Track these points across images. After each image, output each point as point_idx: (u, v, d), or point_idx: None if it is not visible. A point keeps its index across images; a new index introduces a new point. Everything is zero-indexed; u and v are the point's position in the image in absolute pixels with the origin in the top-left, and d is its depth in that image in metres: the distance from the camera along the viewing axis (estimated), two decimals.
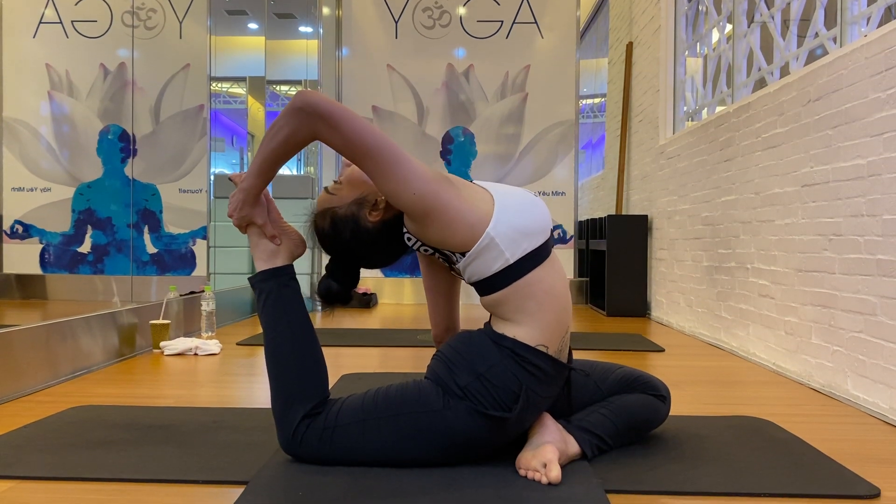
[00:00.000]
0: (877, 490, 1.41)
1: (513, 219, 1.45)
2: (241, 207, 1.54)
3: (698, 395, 2.31)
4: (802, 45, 2.98)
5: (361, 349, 3.20)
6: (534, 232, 1.48)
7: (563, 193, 5.67)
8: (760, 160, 3.02)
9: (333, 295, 1.58)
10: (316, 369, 1.52)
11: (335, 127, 1.37)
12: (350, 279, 1.60)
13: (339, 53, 5.79)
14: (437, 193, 1.40)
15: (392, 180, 1.39)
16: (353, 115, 1.38)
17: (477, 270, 1.47)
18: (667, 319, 4.42)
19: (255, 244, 1.59)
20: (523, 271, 1.45)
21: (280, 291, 1.54)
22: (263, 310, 1.55)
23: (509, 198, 1.49)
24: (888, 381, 2.08)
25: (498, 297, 1.47)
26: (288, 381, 1.49)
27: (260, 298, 1.56)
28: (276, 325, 1.53)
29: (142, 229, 5.12)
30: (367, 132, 1.38)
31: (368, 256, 1.57)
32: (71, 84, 5.12)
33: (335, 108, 1.37)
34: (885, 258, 2.11)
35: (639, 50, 5.34)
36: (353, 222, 1.52)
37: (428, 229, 1.45)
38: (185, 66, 5.15)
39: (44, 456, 1.55)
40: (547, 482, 1.39)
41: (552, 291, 1.48)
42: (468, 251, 1.45)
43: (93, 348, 2.62)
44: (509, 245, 1.44)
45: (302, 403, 1.47)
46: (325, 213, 1.55)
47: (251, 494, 1.33)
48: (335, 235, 1.54)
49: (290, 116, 1.39)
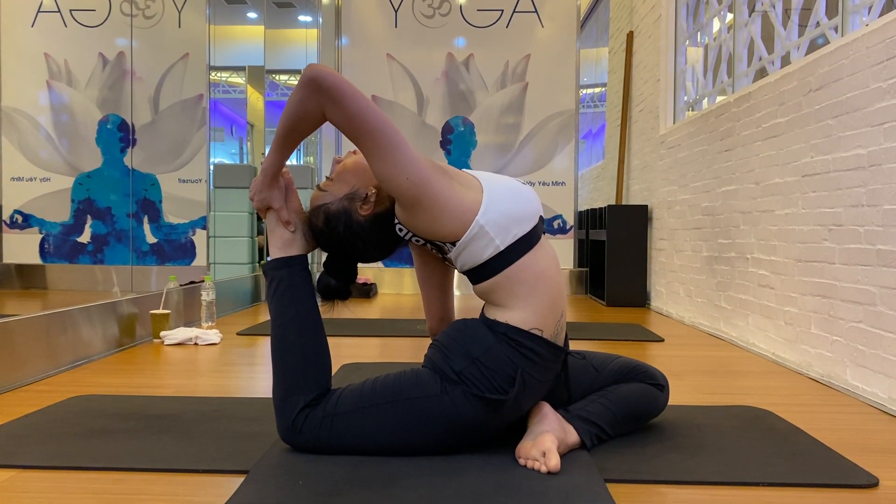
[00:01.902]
0: (875, 479, 1.42)
1: (502, 205, 1.46)
2: (260, 189, 1.55)
3: (697, 385, 2.31)
4: (804, 34, 2.97)
5: (361, 339, 3.20)
6: (523, 217, 1.48)
7: (563, 183, 5.67)
8: (761, 150, 3.02)
9: (332, 290, 1.59)
10: (320, 360, 1.52)
11: (338, 102, 1.37)
12: (348, 275, 1.61)
13: (339, 42, 5.77)
14: (430, 181, 1.41)
15: (388, 163, 1.40)
16: (357, 94, 1.38)
17: (468, 259, 1.48)
18: (666, 309, 4.43)
19: (272, 230, 1.59)
20: (514, 257, 1.46)
21: (291, 280, 1.54)
22: (273, 297, 1.55)
23: (497, 185, 1.50)
24: (887, 371, 2.08)
25: (490, 284, 1.48)
26: (291, 369, 1.50)
27: (271, 286, 1.56)
28: (285, 313, 1.53)
29: (141, 219, 5.12)
30: (370, 112, 1.38)
31: (363, 250, 1.57)
32: (70, 73, 5.11)
33: (341, 83, 1.37)
34: (885, 248, 2.11)
35: (639, 39, 5.32)
36: (345, 217, 1.52)
37: (418, 218, 1.46)
38: (184, 56, 5.13)
39: (44, 445, 1.56)
40: (546, 471, 1.39)
41: (544, 275, 1.49)
42: (458, 240, 1.46)
43: (93, 338, 2.62)
44: (499, 232, 1.45)
45: (303, 393, 1.48)
46: (318, 210, 1.55)
47: (251, 483, 1.33)
48: (329, 231, 1.55)
49: (299, 89, 1.39)
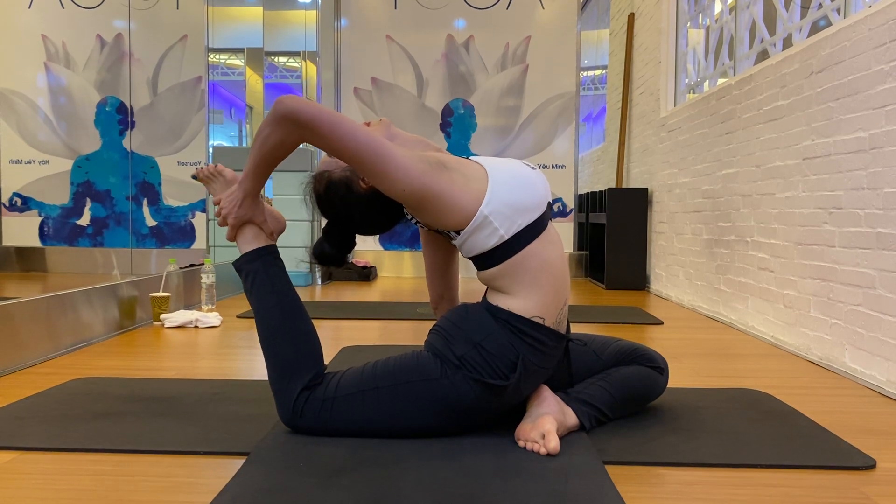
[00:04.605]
0: (872, 461, 1.42)
1: (507, 195, 1.45)
2: (240, 206, 1.56)
3: (697, 368, 2.32)
4: (806, 16, 2.95)
5: (361, 322, 3.21)
6: (529, 207, 1.47)
7: (563, 166, 5.65)
8: (762, 133, 3.01)
9: (326, 257, 1.60)
10: (309, 341, 1.53)
11: (317, 133, 1.37)
12: (345, 243, 1.61)
13: (338, 24, 5.73)
14: (427, 185, 1.41)
15: (380, 179, 1.41)
16: (334, 121, 1.37)
17: (473, 247, 1.48)
18: (666, 293, 4.43)
19: (241, 232, 1.59)
20: (519, 246, 1.46)
21: (266, 270, 1.56)
22: (252, 290, 1.56)
23: (504, 174, 1.49)
24: (886, 354, 2.09)
25: (494, 271, 1.48)
26: (283, 355, 1.51)
27: (247, 280, 1.57)
28: (266, 302, 1.54)
29: (141, 202, 5.11)
30: (350, 137, 1.37)
31: (360, 222, 1.58)
32: (67, 55, 5.08)
33: (317, 114, 1.36)
34: (886, 231, 2.11)
35: (640, 21, 5.28)
36: (345, 186, 1.53)
37: (423, 214, 1.47)
38: (182, 38, 5.10)
39: (46, 427, 1.56)
40: (545, 453, 1.40)
41: (548, 265, 1.48)
42: (463, 229, 1.46)
43: (93, 321, 2.62)
44: (504, 222, 1.45)
45: (300, 376, 1.49)
46: (322, 176, 1.56)
47: (252, 465, 1.34)
48: (328, 198, 1.56)
49: (275, 125, 1.39)
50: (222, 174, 1.67)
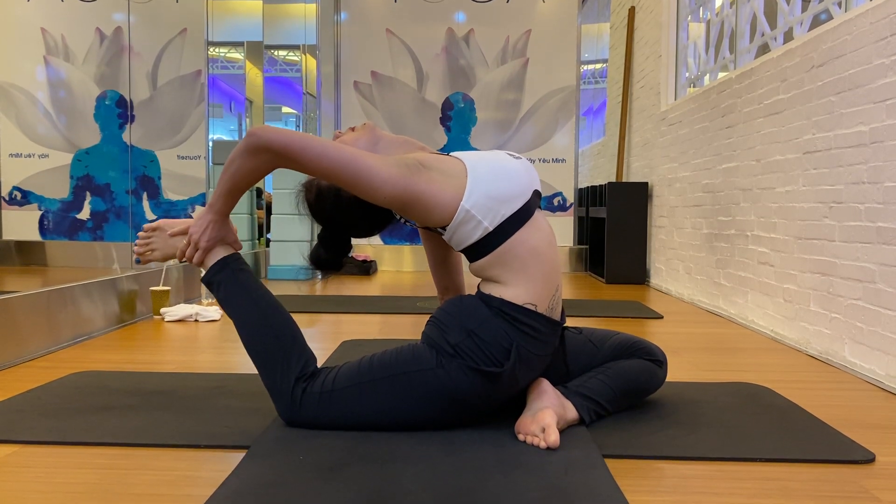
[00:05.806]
0: (872, 455, 1.43)
1: (487, 188, 1.47)
2: (212, 229, 1.58)
3: (696, 362, 2.32)
4: (807, 9, 2.94)
5: (361, 316, 3.21)
6: (511, 197, 1.48)
7: (563, 160, 5.65)
8: (762, 127, 3.00)
9: (323, 262, 1.63)
10: (290, 334, 1.55)
11: (292, 158, 1.40)
12: (340, 247, 1.64)
13: (338, 18, 5.71)
14: (407, 189, 1.43)
15: (360, 191, 1.43)
16: (305, 144, 1.39)
17: (461, 240, 1.51)
18: (666, 287, 4.43)
19: (210, 250, 1.61)
20: (505, 236, 1.47)
21: (235, 276, 1.58)
22: (226, 298, 1.58)
23: (483, 166, 1.50)
24: (885, 349, 2.09)
25: (483, 262, 1.50)
26: (269, 349, 1.52)
27: (219, 290, 1.59)
28: (241, 304, 1.56)
29: (140, 196, 5.11)
30: (323, 156, 1.40)
31: (353, 225, 1.61)
32: (67, 49, 5.07)
33: (289, 142, 1.39)
34: (886, 226, 2.11)
35: (641, 14, 5.27)
36: (334, 193, 1.56)
37: (409, 215, 1.51)
38: (182, 31, 5.09)
39: (46, 420, 1.56)
40: (545, 446, 1.40)
41: (537, 251, 1.49)
42: (447, 225, 1.48)
43: (93, 314, 2.63)
44: (486, 214, 1.46)
45: (289, 366, 1.51)
46: (311, 184, 1.60)
47: (252, 459, 1.34)
48: (319, 206, 1.59)
49: (248, 155, 1.42)
50: (155, 230, 1.70)
